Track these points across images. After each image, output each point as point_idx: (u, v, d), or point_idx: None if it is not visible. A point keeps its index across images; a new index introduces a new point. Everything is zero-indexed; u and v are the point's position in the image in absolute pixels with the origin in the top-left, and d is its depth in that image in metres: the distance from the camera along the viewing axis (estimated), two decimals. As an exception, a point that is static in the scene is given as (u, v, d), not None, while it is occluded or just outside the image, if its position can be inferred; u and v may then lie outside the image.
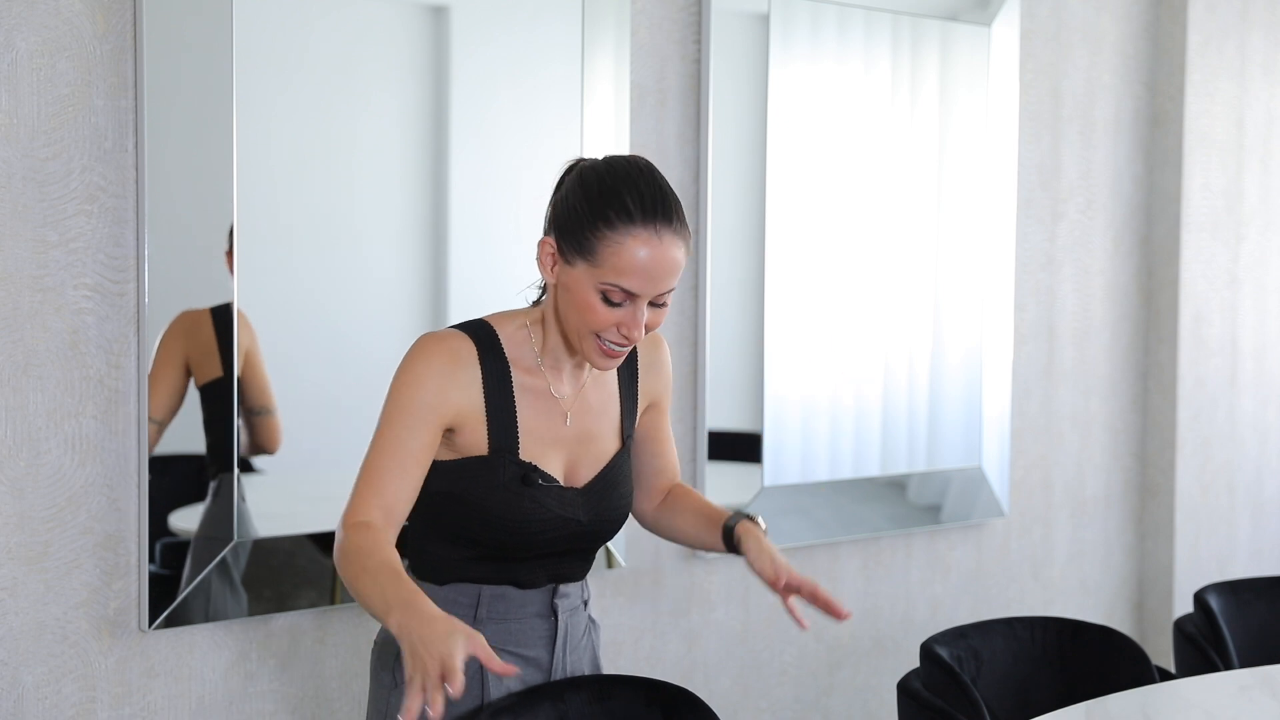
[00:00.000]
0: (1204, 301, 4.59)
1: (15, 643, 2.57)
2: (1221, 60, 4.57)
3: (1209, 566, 4.64)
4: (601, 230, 2.08)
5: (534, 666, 2.28)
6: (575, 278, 2.12)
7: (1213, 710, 2.60)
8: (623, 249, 2.08)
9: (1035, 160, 4.22)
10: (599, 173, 2.13)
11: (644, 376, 2.36)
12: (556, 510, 2.21)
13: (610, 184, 2.11)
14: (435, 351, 2.16)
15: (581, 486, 2.26)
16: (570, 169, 2.20)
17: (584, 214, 2.10)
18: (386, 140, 2.95)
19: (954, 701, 2.66)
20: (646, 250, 2.08)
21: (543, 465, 2.21)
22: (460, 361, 2.16)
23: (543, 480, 2.20)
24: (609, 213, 2.08)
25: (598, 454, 2.28)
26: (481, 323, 2.22)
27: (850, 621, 3.84)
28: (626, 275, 2.08)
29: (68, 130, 2.57)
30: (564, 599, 2.30)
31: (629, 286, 2.09)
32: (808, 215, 3.63)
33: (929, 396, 3.92)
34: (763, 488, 3.56)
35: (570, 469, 2.26)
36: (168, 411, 2.70)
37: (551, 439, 2.23)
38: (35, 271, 2.55)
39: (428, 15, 3.01)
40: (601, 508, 2.27)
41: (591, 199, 2.10)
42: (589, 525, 2.26)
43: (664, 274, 2.10)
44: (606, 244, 2.08)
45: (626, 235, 2.08)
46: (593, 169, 2.15)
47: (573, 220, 2.12)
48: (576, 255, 2.11)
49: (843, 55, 3.66)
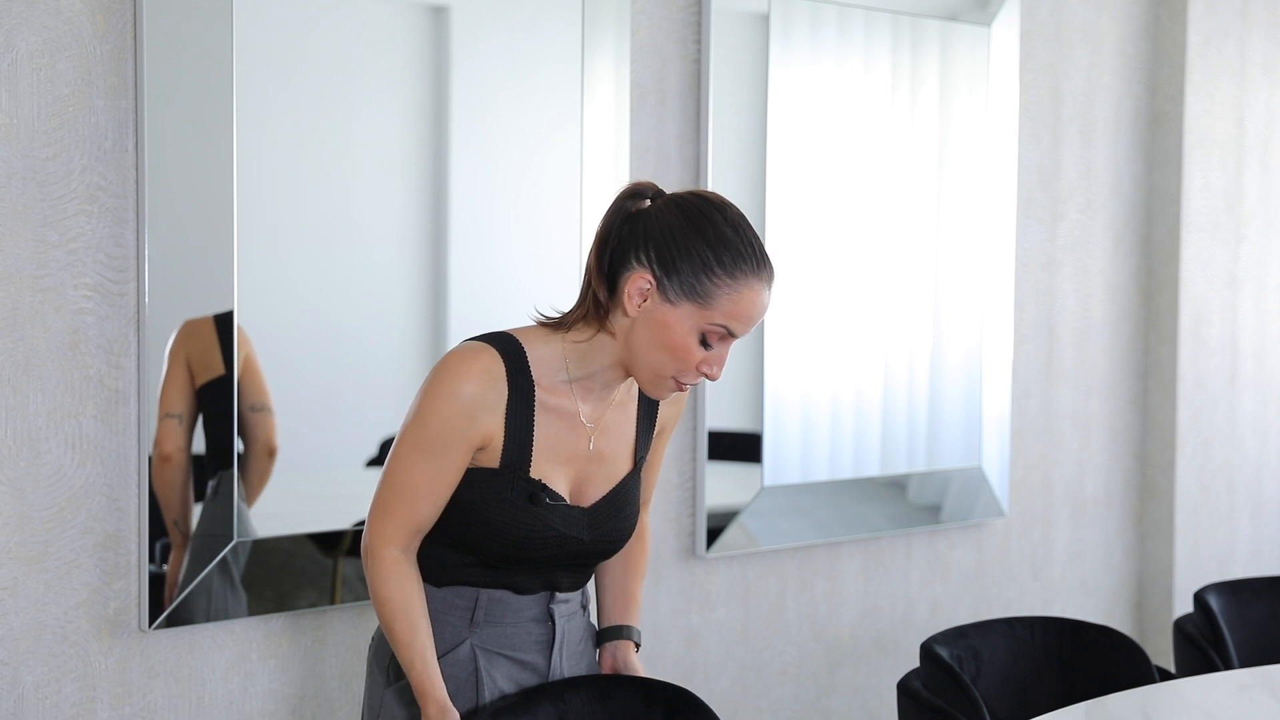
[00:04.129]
0: (1204, 301, 4.59)
1: (15, 643, 2.57)
2: (1221, 60, 4.57)
3: (1209, 566, 4.64)
4: (721, 277, 2.12)
5: (530, 671, 2.27)
6: (676, 317, 2.13)
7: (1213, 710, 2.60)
8: (741, 297, 2.13)
9: (1035, 160, 4.22)
10: (711, 219, 2.15)
11: (665, 404, 2.36)
12: (560, 529, 2.21)
13: (727, 234, 2.13)
14: (469, 374, 2.15)
15: (588, 506, 2.25)
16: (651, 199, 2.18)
17: (702, 259, 2.12)
18: (386, 140, 2.95)
19: (954, 701, 2.66)
20: (759, 298, 2.15)
21: (551, 482, 2.21)
22: (491, 382, 2.16)
23: (550, 499, 2.20)
24: (726, 259, 2.12)
25: (609, 474, 2.28)
26: (511, 339, 2.21)
27: (850, 621, 3.86)
28: (737, 320, 2.14)
29: (68, 130, 2.57)
30: (562, 604, 2.30)
31: (737, 330, 2.15)
32: (808, 215, 3.63)
33: (929, 396, 3.92)
34: (763, 488, 3.56)
35: (578, 487, 2.26)
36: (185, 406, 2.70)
37: (565, 457, 2.23)
38: (35, 271, 2.55)
39: (428, 15, 3.01)
40: (606, 528, 2.27)
41: (713, 245, 2.13)
42: (590, 544, 2.26)
43: (761, 315, 2.18)
44: (725, 290, 2.12)
45: (746, 286, 2.14)
46: (700, 212, 2.15)
47: (689, 263, 2.12)
48: (684, 297, 2.12)
49: (843, 55, 3.66)
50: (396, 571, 2.18)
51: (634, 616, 2.46)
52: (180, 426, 2.69)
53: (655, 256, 2.14)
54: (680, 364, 2.15)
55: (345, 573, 2.92)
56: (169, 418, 2.67)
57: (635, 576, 2.47)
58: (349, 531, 2.92)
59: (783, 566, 3.70)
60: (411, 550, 2.21)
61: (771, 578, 3.68)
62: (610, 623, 2.45)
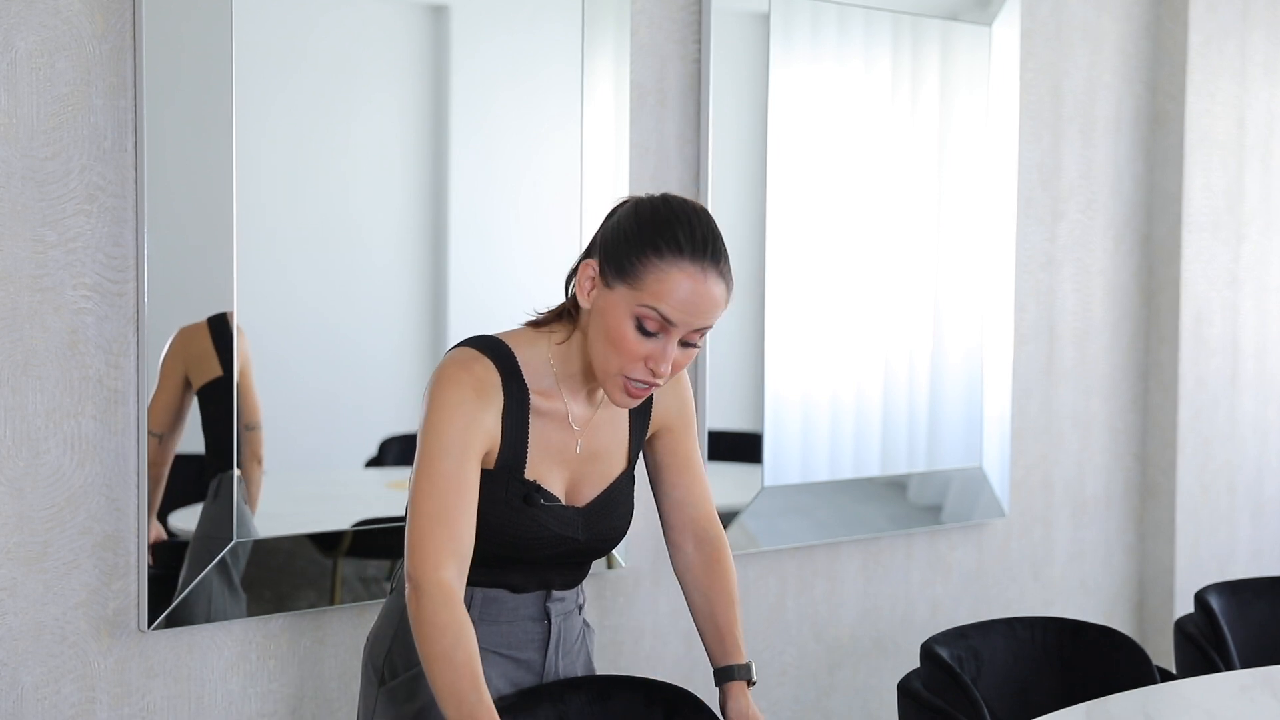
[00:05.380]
0: (1204, 301, 4.59)
1: (14, 643, 2.57)
2: (1222, 60, 4.57)
3: (1209, 566, 4.64)
4: (649, 256, 2.10)
5: (525, 669, 2.28)
6: (612, 301, 2.12)
7: (1213, 710, 2.60)
8: (667, 277, 2.09)
9: (1035, 160, 4.22)
10: (654, 205, 2.16)
11: (658, 399, 2.35)
12: (554, 529, 2.22)
13: (665, 216, 2.13)
14: (464, 381, 2.15)
15: (582, 506, 2.26)
16: (624, 202, 2.22)
17: (634, 239, 2.12)
18: (386, 140, 2.95)
19: (954, 702, 2.66)
20: (691, 283, 2.09)
21: (546, 483, 2.22)
22: (485, 388, 2.16)
23: (544, 500, 2.20)
24: (659, 241, 2.10)
25: (602, 473, 2.28)
26: (500, 344, 2.21)
27: (850, 621, 3.85)
28: (666, 300, 2.09)
29: (67, 130, 2.57)
30: (558, 603, 2.30)
31: (666, 312, 2.09)
32: (808, 215, 3.62)
33: (929, 396, 3.92)
34: (763, 488, 3.56)
35: (573, 487, 2.26)
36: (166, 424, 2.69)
37: (558, 458, 2.23)
38: (34, 271, 2.55)
39: (428, 15, 3.01)
40: (599, 528, 2.28)
41: (644, 227, 2.12)
42: (585, 543, 2.27)
43: (703, 309, 2.11)
44: (651, 269, 2.10)
45: (673, 266, 2.10)
46: (649, 202, 2.18)
47: (621, 244, 2.13)
48: (618, 278, 2.12)
49: (843, 55, 3.66)
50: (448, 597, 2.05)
51: (736, 653, 2.37)
52: (157, 445, 2.68)
53: (600, 243, 2.17)
54: (622, 356, 2.12)
55: (345, 573, 2.91)
56: (150, 436, 2.67)
57: (723, 604, 2.39)
58: (349, 532, 2.92)
59: (783, 567, 3.69)
60: (460, 577, 2.09)
61: (771, 578, 3.67)
62: (717, 665, 2.40)
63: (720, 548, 2.41)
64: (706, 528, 2.42)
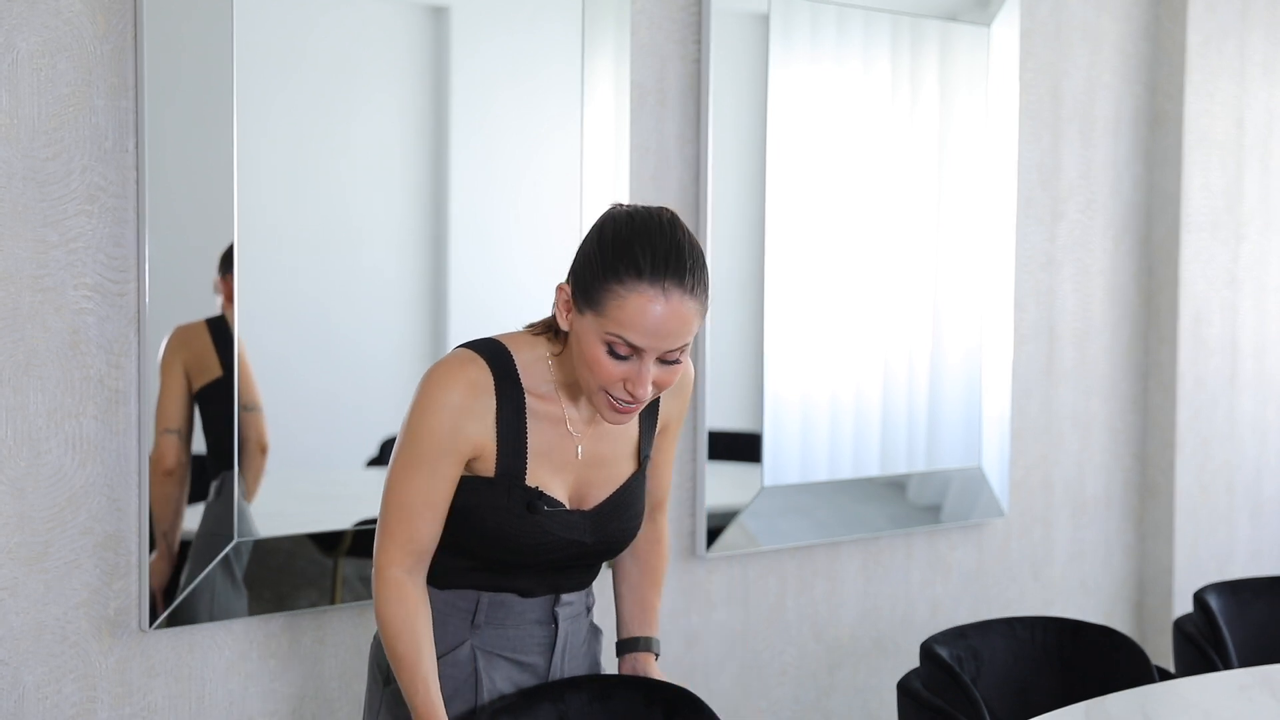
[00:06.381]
0: (1204, 301, 4.59)
1: (15, 643, 2.57)
2: (1221, 60, 4.57)
3: (1209, 566, 4.64)
4: (609, 283, 2.06)
5: (530, 672, 2.27)
6: (584, 327, 2.10)
7: (1212, 710, 2.60)
8: (626, 304, 2.05)
9: (1035, 160, 4.22)
10: (618, 224, 2.11)
11: (666, 399, 2.34)
12: (560, 534, 2.21)
13: (625, 237, 2.08)
14: (452, 384, 2.14)
15: (590, 509, 2.25)
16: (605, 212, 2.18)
17: (595, 265, 2.08)
18: (386, 140, 2.95)
19: (954, 701, 2.66)
20: (651, 307, 2.05)
21: (549, 489, 2.20)
22: (477, 392, 2.15)
23: (548, 506, 2.19)
24: (618, 266, 2.06)
25: (611, 476, 2.27)
26: (498, 346, 2.20)
27: (850, 621, 3.86)
28: (629, 329, 2.06)
29: (68, 130, 2.57)
30: (566, 606, 2.29)
31: (632, 339, 2.06)
32: (808, 215, 3.63)
33: (929, 396, 3.92)
34: (763, 488, 3.56)
35: (578, 491, 2.25)
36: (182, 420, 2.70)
37: (561, 463, 2.22)
38: (35, 271, 2.55)
39: (428, 15, 3.01)
40: (609, 530, 2.27)
41: (605, 251, 2.08)
42: (593, 546, 2.26)
43: (669, 332, 2.07)
44: (612, 297, 2.06)
45: (632, 291, 2.05)
46: (613, 220, 2.12)
47: (585, 270, 2.10)
48: (586, 305, 2.09)
49: (843, 55, 3.66)
50: (399, 592, 2.15)
51: (653, 627, 2.44)
52: (179, 442, 2.68)
53: (571, 267, 2.15)
54: (599, 378, 2.10)
55: (345, 573, 2.92)
56: (168, 433, 2.67)
57: (653, 585, 2.45)
58: (349, 531, 2.92)
59: (783, 566, 3.70)
60: (417, 571, 2.17)
61: (771, 578, 3.68)
62: (629, 634, 2.43)
63: (664, 530, 2.48)
64: (656, 512, 2.45)
